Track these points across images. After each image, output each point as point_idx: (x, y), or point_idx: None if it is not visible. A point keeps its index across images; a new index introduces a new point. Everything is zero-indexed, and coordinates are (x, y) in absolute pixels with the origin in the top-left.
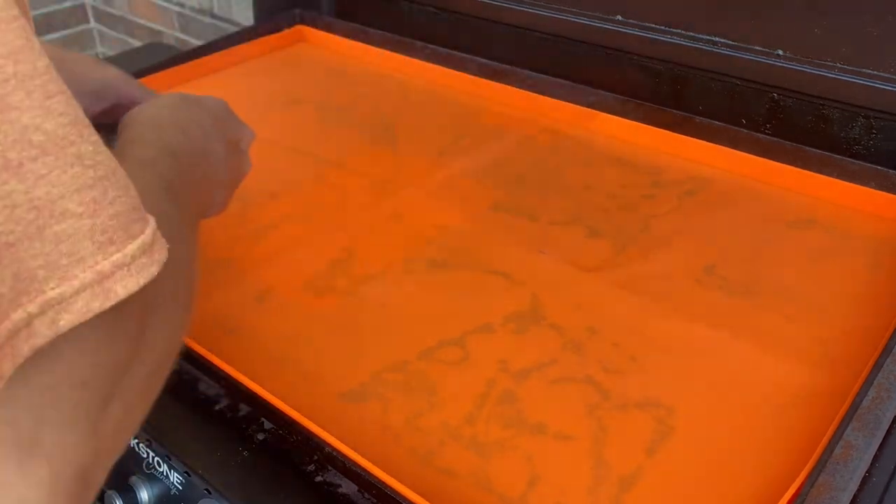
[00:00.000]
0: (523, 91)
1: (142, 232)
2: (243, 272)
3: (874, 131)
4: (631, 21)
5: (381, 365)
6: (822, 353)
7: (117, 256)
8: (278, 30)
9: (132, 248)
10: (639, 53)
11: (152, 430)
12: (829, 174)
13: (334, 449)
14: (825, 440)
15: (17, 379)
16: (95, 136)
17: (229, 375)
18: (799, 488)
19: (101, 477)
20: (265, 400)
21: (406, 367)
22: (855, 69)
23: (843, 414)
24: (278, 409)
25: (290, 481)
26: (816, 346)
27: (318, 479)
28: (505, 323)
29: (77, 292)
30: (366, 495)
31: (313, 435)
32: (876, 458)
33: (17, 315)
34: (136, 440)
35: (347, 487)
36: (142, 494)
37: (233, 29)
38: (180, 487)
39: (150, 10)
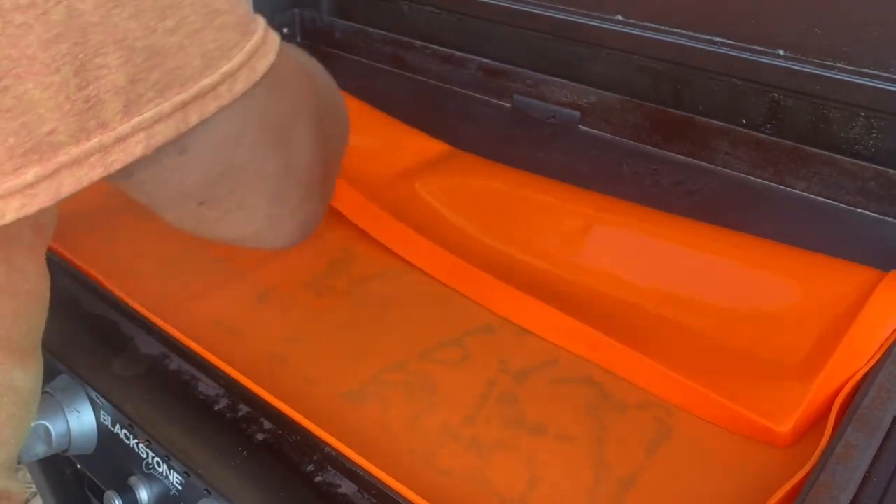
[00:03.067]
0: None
1: (256, 28)
2: (243, 272)
3: (874, 131)
4: (631, 21)
5: (380, 365)
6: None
7: (252, 41)
8: (278, 30)
9: (256, 37)
10: (639, 53)
11: (152, 430)
12: (829, 174)
13: (334, 449)
14: (825, 440)
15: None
16: None
17: (229, 375)
18: (799, 488)
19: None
20: (265, 400)
21: (406, 368)
22: (855, 69)
23: (844, 414)
24: (278, 410)
25: (289, 481)
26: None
27: (318, 479)
28: (505, 323)
29: (240, 67)
30: (365, 496)
31: (313, 435)
32: (876, 459)
33: (206, 80)
34: (136, 440)
35: (347, 487)
36: (141, 495)
37: None
38: (180, 488)
39: None
